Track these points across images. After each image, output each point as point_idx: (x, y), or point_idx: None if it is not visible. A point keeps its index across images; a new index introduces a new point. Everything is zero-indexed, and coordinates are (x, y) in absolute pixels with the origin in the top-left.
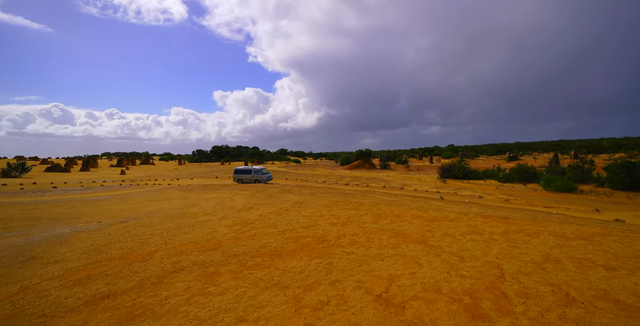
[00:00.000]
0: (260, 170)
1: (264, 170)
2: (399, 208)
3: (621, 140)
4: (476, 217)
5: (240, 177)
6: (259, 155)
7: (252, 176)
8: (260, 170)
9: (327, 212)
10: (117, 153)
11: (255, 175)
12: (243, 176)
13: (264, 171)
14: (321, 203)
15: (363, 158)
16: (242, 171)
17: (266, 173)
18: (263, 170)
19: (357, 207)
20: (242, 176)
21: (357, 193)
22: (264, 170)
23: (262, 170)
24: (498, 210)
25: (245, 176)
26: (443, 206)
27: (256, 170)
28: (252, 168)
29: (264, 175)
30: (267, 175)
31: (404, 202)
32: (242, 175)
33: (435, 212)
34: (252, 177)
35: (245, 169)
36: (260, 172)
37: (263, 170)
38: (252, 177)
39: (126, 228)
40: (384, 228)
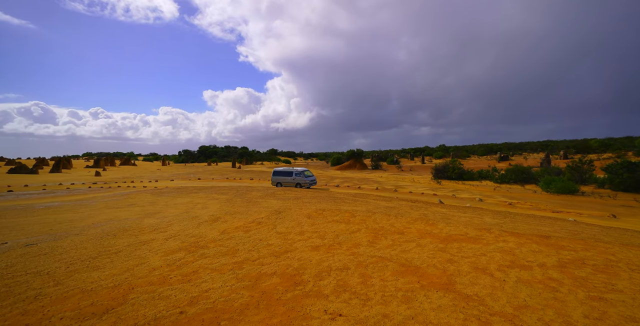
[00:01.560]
0: (302, 173)
1: (306, 172)
2: (399, 219)
3: (608, 141)
4: (503, 234)
5: (279, 179)
6: (247, 156)
7: (293, 179)
8: (302, 172)
9: (310, 226)
10: (99, 153)
11: (297, 178)
12: (282, 179)
13: (307, 173)
14: (304, 213)
15: (354, 158)
16: (282, 173)
17: (309, 176)
18: (306, 173)
19: (348, 218)
20: (281, 179)
21: (348, 198)
22: (307, 172)
23: (304, 173)
24: (518, 221)
25: (284, 179)
26: (449, 214)
27: (297, 172)
28: (292, 170)
29: (306, 178)
30: (311, 178)
31: (403, 208)
32: (281, 177)
33: (446, 225)
34: (293, 180)
35: (285, 171)
36: (302, 174)
37: (306, 173)
38: (293, 180)
39: (19, 257)
40: (385, 257)
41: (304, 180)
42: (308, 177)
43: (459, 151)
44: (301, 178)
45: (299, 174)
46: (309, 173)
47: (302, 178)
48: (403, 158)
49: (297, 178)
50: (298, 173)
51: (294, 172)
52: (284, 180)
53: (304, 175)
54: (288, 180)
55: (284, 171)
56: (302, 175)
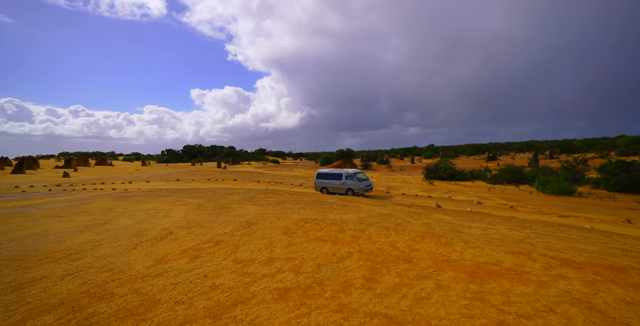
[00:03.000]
0: (354, 175)
1: (359, 174)
2: (400, 234)
3: (590, 141)
4: (552, 262)
5: (325, 183)
6: (234, 155)
7: (343, 183)
8: (353, 174)
9: (284, 248)
10: (76, 152)
11: (348, 183)
12: (328, 183)
13: (360, 176)
14: (282, 225)
15: (344, 158)
16: (328, 175)
17: (363, 179)
18: (358, 175)
19: (335, 234)
20: (326, 183)
21: (336, 202)
22: (360, 174)
23: (356, 175)
24: (541, 232)
25: (331, 183)
26: (456, 224)
27: (348, 174)
28: (342, 172)
29: (360, 183)
30: (365, 182)
31: (400, 216)
32: (327, 181)
33: (464, 244)
34: (344, 185)
35: (332, 173)
36: (354, 177)
37: (358, 175)
38: (344, 185)
39: None
40: (393, 317)
41: (357, 184)
42: (362, 181)
43: (447, 151)
44: (353, 183)
45: (350, 177)
46: (362, 176)
47: (354, 182)
48: (393, 158)
49: (348, 183)
50: (349, 176)
51: (343, 174)
52: (330, 185)
53: (357, 179)
54: (336, 184)
55: (331, 173)
56: (355, 178)
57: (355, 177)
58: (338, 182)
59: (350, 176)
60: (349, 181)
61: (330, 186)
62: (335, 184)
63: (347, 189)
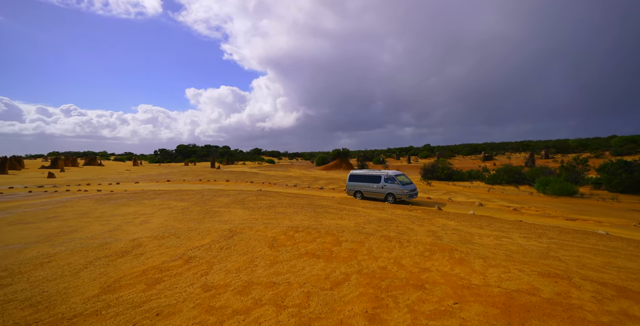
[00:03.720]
0: (395, 178)
1: (401, 177)
2: (405, 247)
3: (585, 141)
4: (604, 291)
5: (360, 187)
6: (229, 155)
7: (382, 187)
8: (394, 177)
9: (268, 267)
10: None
11: (389, 186)
12: (364, 186)
13: (402, 179)
14: (269, 235)
15: (340, 158)
16: (363, 178)
17: (407, 183)
18: (400, 178)
19: (330, 247)
20: (361, 186)
21: (332, 205)
22: (402, 177)
23: (398, 178)
24: (561, 241)
25: (367, 186)
26: (464, 232)
27: (389, 177)
28: (380, 174)
29: (403, 187)
30: (410, 187)
31: (402, 222)
32: (363, 184)
33: (485, 264)
34: (382, 189)
35: (369, 175)
36: (395, 180)
37: (400, 178)
38: (382, 189)
39: None
40: None
41: (399, 189)
42: (406, 184)
43: (444, 151)
44: (395, 187)
45: (391, 180)
46: (405, 178)
47: (396, 186)
48: (389, 157)
49: (388, 187)
50: (389, 179)
51: (382, 176)
52: (366, 188)
53: (400, 182)
54: (373, 188)
55: (367, 175)
56: (396, 181)
57: (396, 180)
58: (376, 185)
59: (390, 178)
60: (389, 184)
61: (365, 190)
62: (372, 188)
63: (387, 194)
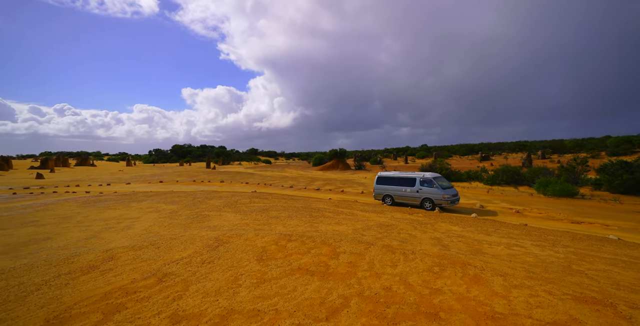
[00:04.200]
0: (434, 181)
1: (442, 181)
2: (410, 260)
3: (581, 141)
4: None
5: (390, 191)
6: (225, 155)
7: (417, 191)
8: (432, 180)
9: (253, 289)
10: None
11: (425, 191)
12: (395, 190)
13: (442, 182)
14: (259, 245)
15: (337, 158)
16: (394, 180)
17: (448, 187)
18: (441, 181)
19: (326, 262)
20: (393, 190)
21: (329, 209)
22: (442, 180)
23: (437, 181)
24: (578, 251)
25: (399, 190)
26: (471, 240)
27: (425, 179)
28: (415, 176)
29: (444, 192)
30: (450, 191)
31: (403, 228)
32: (394, 188)
33: (505, 283)
34: (418, 194)
35: (402, 177)
36: (433, 183)
37: (441, 181)
38: (418, 194)
39: None
40: None
41: (438, 193)
42: (446, 189)
43: (441, 151)
44: (433, 191)
45: (428, 183)
46: (445, 182)
47: (435, 190)
48: (386, 158)
49: (424, 191)
50: (426, 182)
51: (418, 178)
52: (397, 193)
53: (439, 186)
54: (406, 192)
55: (399, 177)
56: (435, 184)
57: (435, 183)
58: (410, 189)
59: (427, 181)
60: (426, 188)
61: (397, 194)
62: (405, 192)
63: (424, 199)
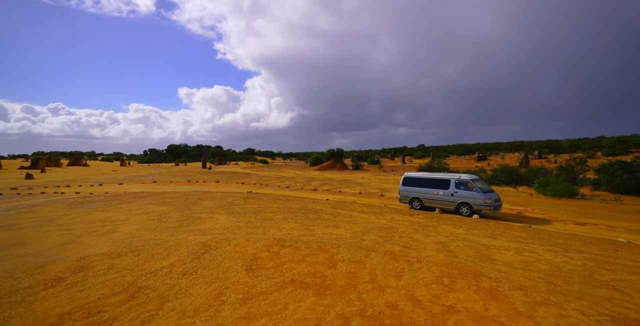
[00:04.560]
0: (473, 183)
1: (481, 183)
2: (418, 273)
3: (577, 141)
4: None
5: (419, 193)
6: (221, 155)
7: (453, 195)
8: (470, 182)
9: (238, 308)
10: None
11: (462, 194)
12: (425, 193)
13: (482, 185)
14: (249, 252)
15: (334, 158)
16: (424, 182)
17: (488, 191)
18: (480, 184)
19: (322, 272)
20: (422, 193)
21: (326, 210)
22: (482, 183)
23: (474, 183)
24: (593, 258)
25: (430, 194)
26: (478, 244)
27: (461, 181)
28: (450, 178)
29: (484, 196)
30: (492, 195)
31: (405, 231)
32: (424, 191)
33: (528, 299)
34: (452, 198)
35: (433, 179)
36: (469, 186)
37: (480, 184)
38: (452, 198)
39: None
40: None
41: (478, 198)
42: (487, 192)
43: (438, 151)
44: (472, 195)
45: (465, 185)
46: (484, 185)
47: (474, 194)
48: (383, 158)
49: (461, 194)
50: (462, 183)
51: (453, 180)
52: (427, 196)
53: (479, 189)
54: (438, 196)
55: (430, 178)
56: (474, 187)
57: (475, 186)
58: (443, 192)
59: (464, 183)
60: (462, 192)
61: (427, 198)
62: (437, 196)
63: (460, 204)
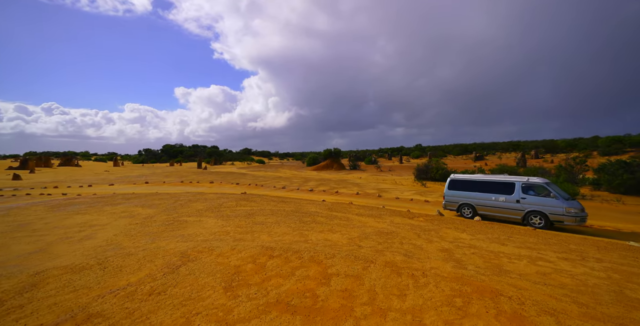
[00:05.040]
0: (539, 188)
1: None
2: (425, 290)
3: (573, 141)
4: None
5: (471, 199)
6: (217, 155)
7: (519, 201)
8: (541, 185)
9: None
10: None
11: (532, 201)
12: (480, 199)
13: (562, 192)
14: (232, 264)
15: (331, 158)
16: (477, 185)
17: (569, 198)
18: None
19: (313, 290)
20: (476, 198)
21: (321, 213)
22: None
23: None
24: (624, 269)
25: (487, 200)
26: (491, 254)
27: (530, 184)
28: (514, 181)
29: (566, 203)
30: (574, 204)
31: (406, 236)
32: (478, 196)
33: (554, 322)
34: (519, 205)
35: (490, 181)
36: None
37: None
38: (519, 205)
39: None
40: None
41: (557, 206)
42: (568, 200)
43: (435, 151)
44: (547, 202)
45: (535, 190)
46: (565, 194)
47: (551, 201)
48: (381, 158)
49: (531, 201)
50: (532, 188)
51: (518, 184)
52: (483, 202)
53: (557, 194)
54: (498, 202)
55: (485, 181)
56: (553, 193)
57: (552, 191)
58: (505, 198)
59: (535, 188)
60: (533, 197)
61: (482, 204)
62: (497, 202)
63: (529, 213)
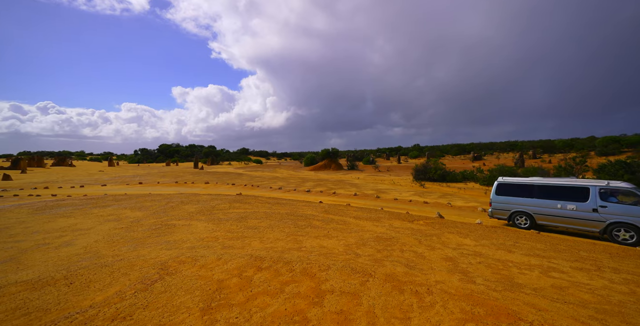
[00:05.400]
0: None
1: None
2: (430, 314)
3: (570, 141)
4: None
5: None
6: (214, 155)
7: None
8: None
9: None
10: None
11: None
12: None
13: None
14: (215, 278)
15: (329, 158)
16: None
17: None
18: None
19: (304, 313)
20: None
21: (318, 216)
22: None
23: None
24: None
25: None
26: (499, 263)
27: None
28: (588, 185)
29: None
30: None
31: (407, 242)
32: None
33: None
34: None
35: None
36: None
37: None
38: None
39: None
40: None
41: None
42: None
43: (433, 151)
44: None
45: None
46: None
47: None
48: (379, 158)
49: (614, 210)
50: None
51: (594, 189)
52: (544, 210)
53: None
54: (566, 211)
55: (547, 185)
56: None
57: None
58: (575, 206)
59: (618, 193)
60: (616, 206)
61: (544, 213)
62: (565, 211)
63: (612, 225)
